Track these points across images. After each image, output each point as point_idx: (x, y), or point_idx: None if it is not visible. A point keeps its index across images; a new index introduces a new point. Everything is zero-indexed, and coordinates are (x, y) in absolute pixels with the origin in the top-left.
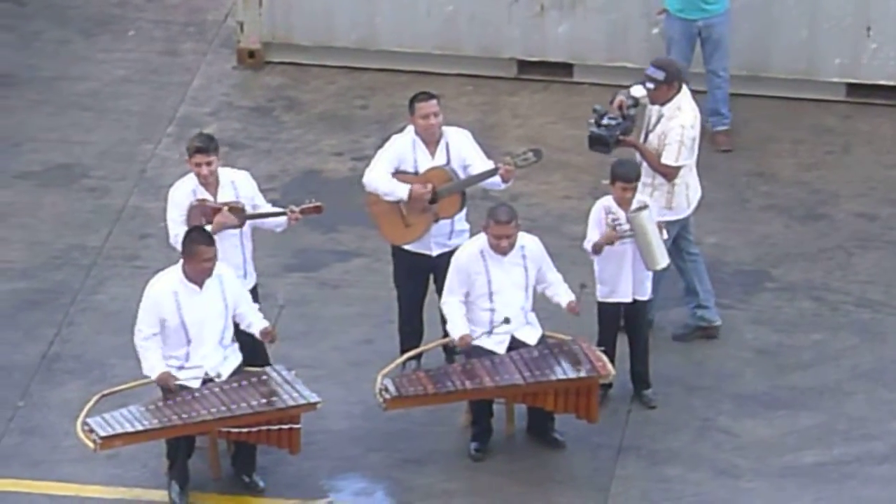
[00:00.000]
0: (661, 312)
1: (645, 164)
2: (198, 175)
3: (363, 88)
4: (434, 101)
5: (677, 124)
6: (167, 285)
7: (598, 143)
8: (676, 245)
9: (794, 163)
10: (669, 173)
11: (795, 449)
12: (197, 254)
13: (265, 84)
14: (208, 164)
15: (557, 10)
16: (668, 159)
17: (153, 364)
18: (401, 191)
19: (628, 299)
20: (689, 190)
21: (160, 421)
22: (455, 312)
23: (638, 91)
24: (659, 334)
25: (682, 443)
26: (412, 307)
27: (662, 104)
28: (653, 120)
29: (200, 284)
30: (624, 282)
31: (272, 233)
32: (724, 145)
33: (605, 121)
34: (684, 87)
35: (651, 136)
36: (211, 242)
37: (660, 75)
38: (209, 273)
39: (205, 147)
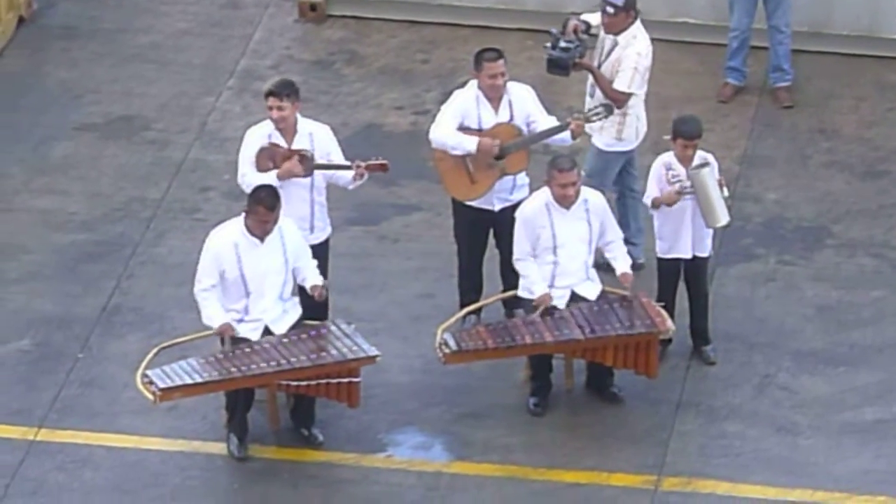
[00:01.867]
0: (722, 268)
1: (596, 95)
2: (271, 118)
3: (424, 42)
4: (501, 62)
5: (633, 52)
6: (228, 237)
7: (556, 65)
8: (620, 177)
9: (856, 119)
10: (620, 99)
11: (855, 406)
12: (256, 213)
13: (326, 37)
14: (279, 108)
15: None
16: (620, 85)
17: (212, 314)
18: (469, 143)
19: (688, 255)
20: (639, 122)
21: (219, 373)
22: (531, 270)
23: (593, 18)
24: (718, 290)
25: (741, 399)
26: (472, 262)
27: (617, 33)
28: (605, 48)
29: (261, 238)
30: (684, 238)
31: (336, 187)
32: (786, 102)
33: (561, 44)
34: (638, 17)
35: (604, 66)
36: (273, 206)
37: (619, 1)
38: (269, 231)
39: (277, 91)
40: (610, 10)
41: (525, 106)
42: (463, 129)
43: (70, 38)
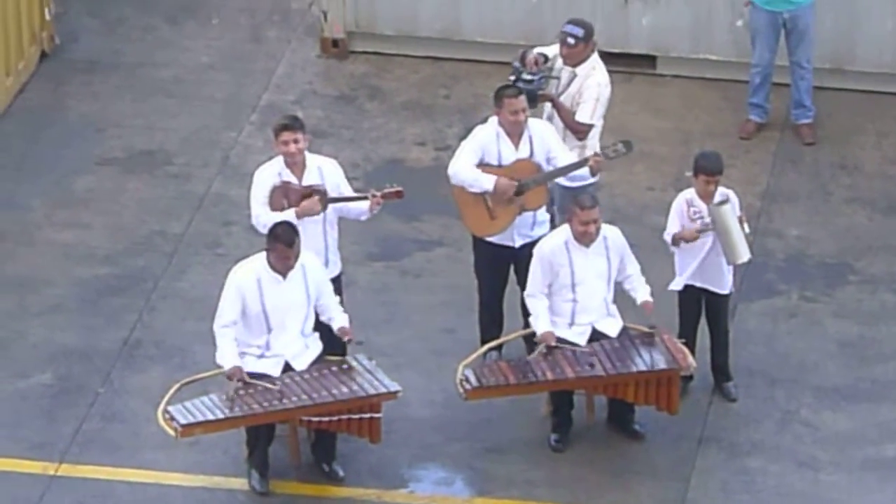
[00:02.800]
0: (744, 304)
1: (555, 125)
2: (286, 154)
3: (446, 78)
4: (522, 98)
5: (594, 82)
6: (251, 272)
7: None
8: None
9: (878, 156)
10: (582, 130)
11: (877, 442)
12: (276, 250)
13: (349, 72)
14: (295, 141)
15: (641, 1)
16: (582, 116)
17: (226, 353)
18: (486, 182)
19: (709, 288)
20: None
21: (241, 409)
22: (540, 307)
23: (549, 51)
24: (740, 326)
25: (762, 435)
26: (493, 297)
27: (576, 64)
28: (563, 81)
29: (284, 274)
30: (705, 272)
31: (356, 221)
32: (808, 138)
33: (524, 76)
34: (595, 49)
35: (563, 97)
36: (292, 242)
37: (579, 32)
38: (291, 267)
39: (291, 124)
40: (570, 41)
41: (545, 142)
42: (483, 165)
43: (92, 72)
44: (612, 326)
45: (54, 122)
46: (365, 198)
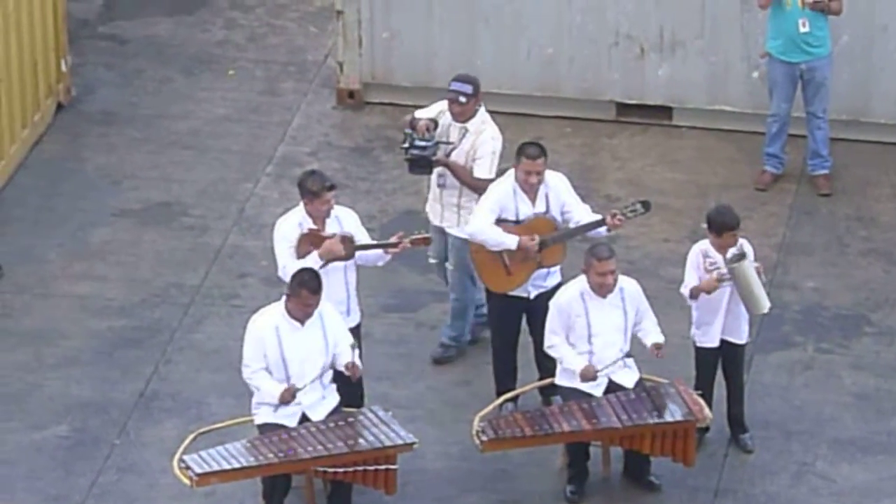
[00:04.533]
0: (760, 356)
1: (448, 185)
2: (324, 212)
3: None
4: (541, 161)
5: (488, 137)
6: (269, 320)
7: (418, 165)
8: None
9: (894, 207)
10: (483, 187)
11: (893, 494)
12: (300, 297)
13: (364, 124)
14: (332, 198)
15: (657, 52)
16: (481, 172)
17: (269, 388)
18: (509, 242)
19: (726, 338)
20: None
21: (257, 459)
22: (566, 350)
23: (427, 113)
24: (756, 378)
25: (778, 487)
26: (507, 348)
27: (466, 120)
28: (452, 137)
29: (302, 321)
30: (723, 323)
31: (373, 270)
32: (825, 189)
33: (419, 143)
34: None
35: (455, 155)
36: (317, 289)
37: (469, 89)
38: (310, 314)
39: (334, 184)
40: (462, 99)
41: (560, 196)
42: (500, 221)
43: (108, 124)
44: (628, 378)
45: (70, 174)
46: (393, 245)
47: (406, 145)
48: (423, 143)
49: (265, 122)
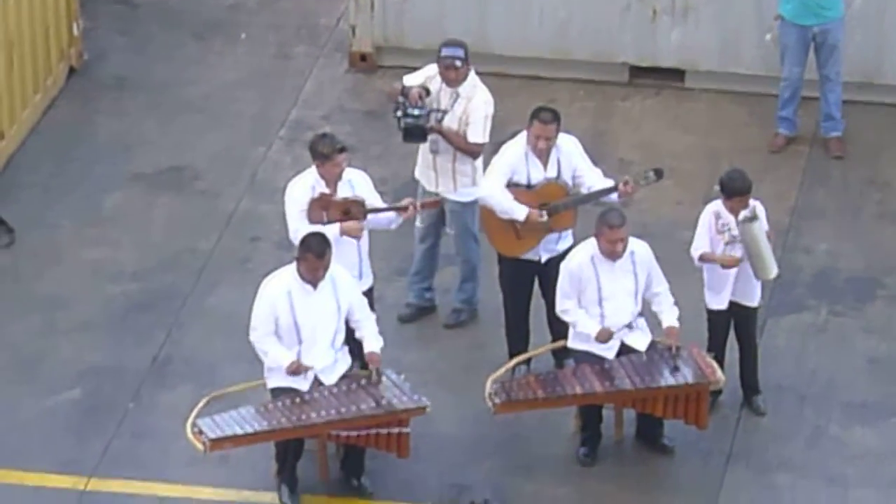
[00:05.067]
0: (773, 320)
1: (441, 151)
2: (337, 175)
3: None
4: (553, 126)
5: (480, 101)
6: (281, 284)
7: (413, 134)
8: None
9: None
10: (477, 151)
11: None
12: (307, 261)
13: (377, 88)
14: (344, 160)
15: (670, 15)
16: (475, 136)
17: (277, 355)
18: (518, 213)
19: (738, 301)
20: (481, 168)
21: (269, 423)
22: (580, 315)
23: (414, 80)
24: (769, 342)
25: (791, 451)
26: (519, 312)
27: (457, 85)
28: (444, 103)
29: (314, 285)
30: (734, 286)
31: (385, 234)
32: (837, 151)
33: (413, 112)
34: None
35: (449, 119)
36: (322, 253)
37: (462, 53)
38: (320, 277)
39: (345, 146)
40: (458, 63)
41: (572, 160)
42: (511, 185)
43: (121, 89)
44: (640, 340)
45: (83, 140)
46: (403, 208)
47: (399, 114)
48: (416, 112)
49: (277, 87)
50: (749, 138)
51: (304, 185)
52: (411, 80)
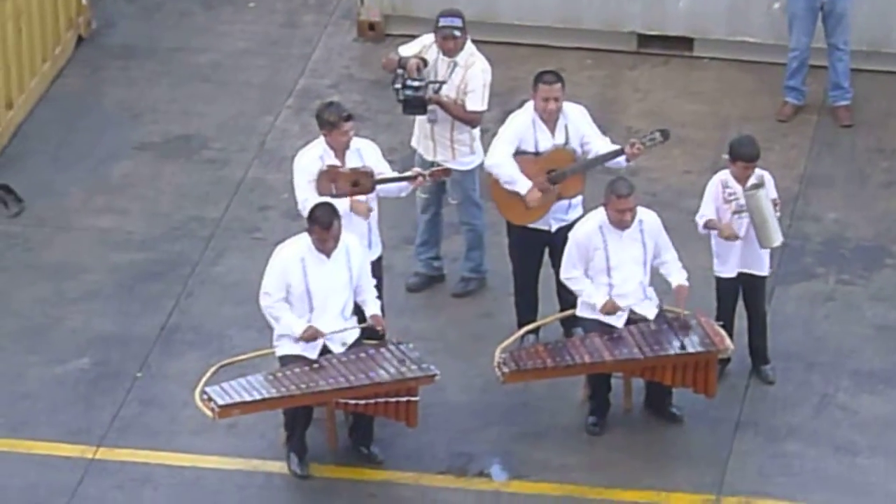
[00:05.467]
0: (781, 288)
1: (440, 120)
2: (344, 143)
3: None
4: (558, 86)
5: (478, 70)
6: (295, 251)
7: (413, 105)
8: (437, 197)
9: None
10: (477, 119)
11: None
12: (314, 232)
13: (385, 57)
14: (351, 129)
15: None
16: (474, 105)
17: (290, 321)
18: (521, 186)
19: (746, 271)
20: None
21: (278, 391)
22: (585, 284)
23: (409, 50)
24: (777, 310)
25: (800, 418)
26: (528, 281)
27: (455, 54)
28: (441, 72)
29: (328, 254)
30: (741, 256)
31: (395, 203)
32: (846, 120)
33: (413, 84)
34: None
35: (448, 89)
36: (328, 224)
37: (460, 22)
38: (332, 248)
39: (351, 115)
40: (457, 33)
41: (580, 128)
42: (519, 153)
43: (129, 58)
44: (649, 309)
45: (91, 108)
46: (412, 177)
47: (398, 86)
48: (415, 83)
49: (285, 55)
50: (757, 107)
51: (313, 156)
52: (407, 50)
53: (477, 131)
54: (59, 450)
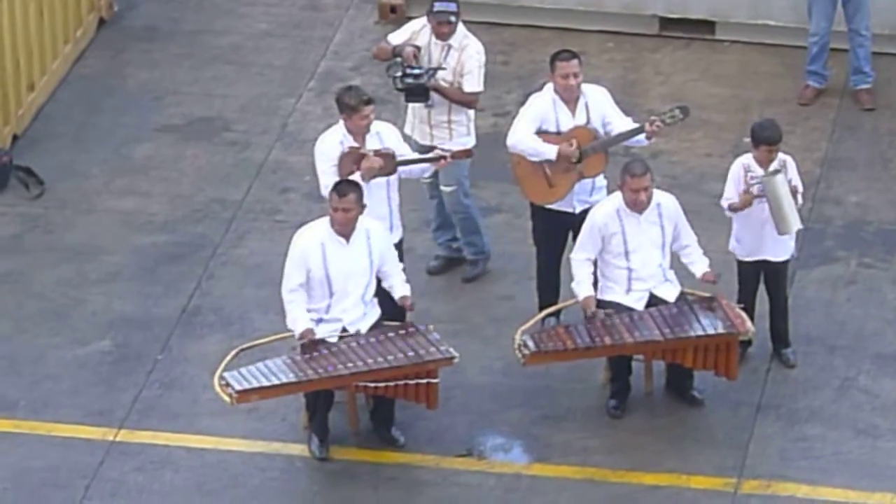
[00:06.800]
0: (803, 271)
1: (437, 104)
2: (364, 127)
3: (505, 44)
4: (575, 62)
5: (473, 51)
6: (315, 236)
7: (415, 94)
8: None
9: None
10: (475, 101)
11: None
12: (331, 200)
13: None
14: (372, 112)
15: None
16: (471, 86)
17: (297, 317)
18: (548, 151)
19: (767, 257)
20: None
21: (297, 375)
22: (583, 272)
23: (397, 38)
24: (799, 293)
25: (821, 402)
26: (551, 264)
27: (449, 38)
28: (435, 56)
29: (347, 237)
30: (763, 241)
31: (415, 185)
32: (867, 104)
33: (411, 72)
34: None
35: (445, 73)
36: (346, 192)
37: (455, 7)
38: (349, 223)
39: (371, 98)
40: (452, 18)
41: (601, 108)
42: (541, 133)
43: (151, 40)
44: (669, 292)
45: (113, 90)
46: (434, 159)
47: (399, 74)
48: (415, 72)
49: (307, 37)
50: (779, 90)
51: (333, 140)
52: (397, 38)
53: (473, 112)
54: (80, 431)
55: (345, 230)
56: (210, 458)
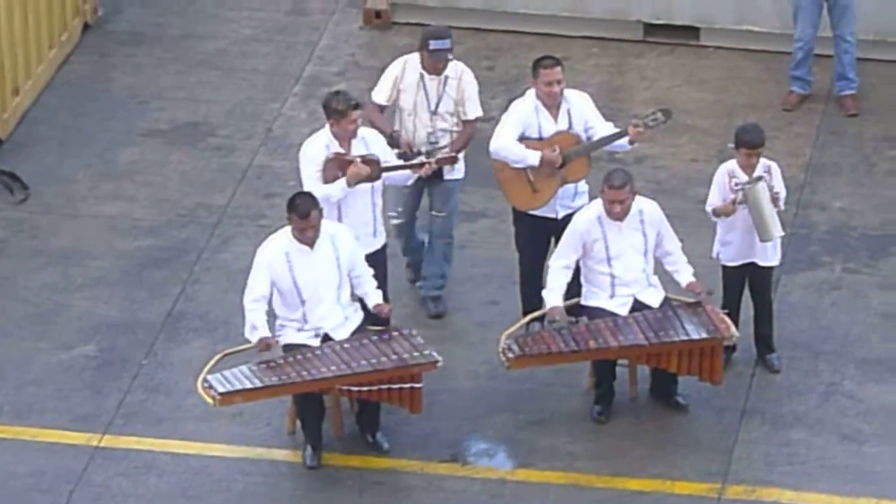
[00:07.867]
0: (787, 276)
1: (438, 123)
2: (351, 132)
3: (489, 50)
4: (559, 69)
5: (470, 77)
6: (278, 247)
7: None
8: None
9: None
10: (476, 126)
11: None
12: (291, 221)
13: (392, 44)
14: (358, 117)
15: None
16: (475, 111)
17: (257, 324)
18: (531, 157)
19: (755, 261)
20: None
21: (279, 378)
22: (556, 279)
23: (382, 95)
24: (783, 298)
25: (806, 407)
26: (535, 269)
27: (443, 72)
28: (432, 91)
29: (311, 244)
30: (747, 246)
31: (393, 187)
32: (852, 110)
33: (414, 161)
34: None
35: (443, 104)
36: (305, 214)
37: (450, 44)
38: (311, 238)
39: (359, 103)
40: (450, 56)
41: (583, 113)
42: (524, 139)
43: (136, 44)
44: (653, 297)
45: (98, 95)
46: (419, 165)
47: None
48: (421, 158)
49: (292, 42)
50: (764, 95)
51: (319, 145)
52: (381, 93)
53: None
54: (64, 437)
55: (307, 240)
56: (194, 462)
